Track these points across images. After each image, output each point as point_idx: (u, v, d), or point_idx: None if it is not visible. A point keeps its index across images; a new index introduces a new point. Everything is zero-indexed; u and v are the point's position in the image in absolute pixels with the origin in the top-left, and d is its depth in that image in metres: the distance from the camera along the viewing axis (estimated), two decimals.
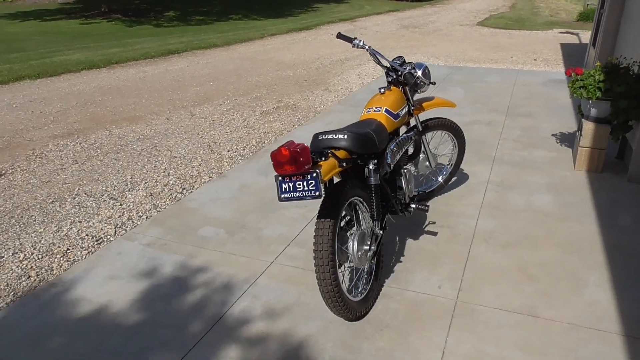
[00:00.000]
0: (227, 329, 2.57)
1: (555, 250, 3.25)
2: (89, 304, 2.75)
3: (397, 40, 12.95)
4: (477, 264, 3.12)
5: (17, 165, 4.62)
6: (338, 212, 2.41)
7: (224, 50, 11.36)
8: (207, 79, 8.30)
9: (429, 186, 3.93)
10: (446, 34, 14.32)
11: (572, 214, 3.70)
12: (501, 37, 13.70)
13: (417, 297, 2.81)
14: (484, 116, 6.13)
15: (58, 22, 15.73)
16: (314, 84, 8.11)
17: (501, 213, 3.73)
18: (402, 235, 3.44)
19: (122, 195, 4.03)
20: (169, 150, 5.02)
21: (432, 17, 19.71)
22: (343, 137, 2.46)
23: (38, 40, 12.10)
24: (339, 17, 18.58)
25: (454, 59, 10.20)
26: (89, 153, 4.94)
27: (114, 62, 9.50)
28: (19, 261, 3.14)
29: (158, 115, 6.23)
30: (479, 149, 5.00)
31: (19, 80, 7.98)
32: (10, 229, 3.53)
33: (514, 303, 2.74)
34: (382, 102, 3.05)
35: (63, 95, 7.13)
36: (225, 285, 2.92)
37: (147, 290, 2.87)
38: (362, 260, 2.57)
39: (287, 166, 2.11)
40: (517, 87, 7.61)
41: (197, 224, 3.60)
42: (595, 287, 2.86)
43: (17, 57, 9.90)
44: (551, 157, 4.80)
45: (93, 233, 3.48)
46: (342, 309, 2.45)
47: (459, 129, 3.78)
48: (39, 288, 2.90)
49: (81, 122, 5.92)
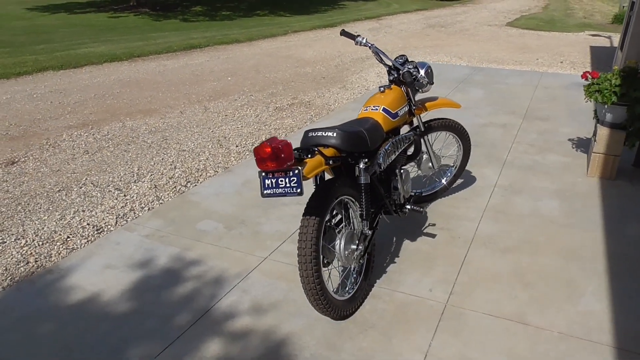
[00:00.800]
0: (213, 322, 2.59)
1: (555, 257, 3.17)
2: (82, 292, 2.80)
3: (421, 40, 12.82)
4: (473, 268, 3.06)
5: (30, 154, 4.73)
6: (324, 210, 2.39)
7: (246, 46, 11.42)
8: (225, 74, 8.36)
9: (432, 188, 3.88)
10: (472, 34, 14.11)
11: (577, 221, 3.61)
12: (529, 38, 13.44)
13: (406, 299, 2.77)
14: (500, 118, 6.02)
15: (87, 15, 16.05)
16: (331, 81, 8.09)
17: (504, 217, 3.66)
18: (399, 236, 3.40)
19: (127, 187, 4.09)
20: (179, 144, 5.07)
21: (460, 16, 19.45)
22: (332, 134, 2.45)
23: (65, 33, 12.37)
24: (365, 15, 18.49)
25: (477, 60, 10.05)
26: (101, 144, 5.02)
27: (136, 55, 9.64)
28: (19, 247, 3.22)
29: (172, 109, 6.30)
30: (490, 152, 4.92)
31: (42, 71, 8.17)
32: (15, 216, 3.61)
33: (505, 309, 2.69)
34: (381, 100, 3.02)
35: (83, 87, 7.28)
36: (217, 279, 2.94)
37: (140, 280, 2.91)
38: (349, 259, 2.55)
39: (269, 162, 2.11)
40: (539, 90, 7.45)
41: (197, 217, 3.63)
42: (591, 297, 2.78)
43: (44, 48, 10.14)
44: (564, 163, 4.69)
45: (94, 222, 3.54)
46: (325, 308, 2.43)
47: (464, 131, 3.71)
48: (36, 274, 2.96)
49: (97, 114, 6.03)
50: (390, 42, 12.40)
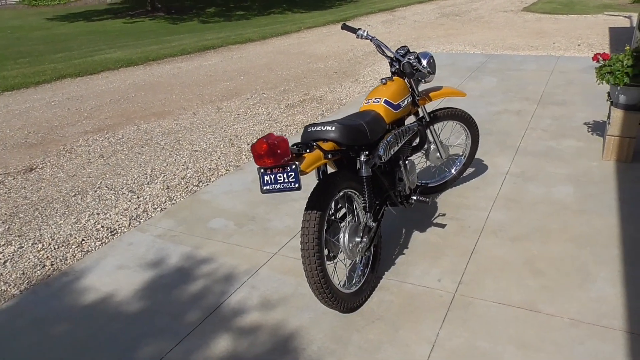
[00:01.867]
0: (222, 318, 2.62)
1: (566, 244, 3.12)
2: (95, 293, 2.86)
3: (435, 29, 12.69)
4: (482, 257, 3.04)
5: (47, 160, 4.85)
6: (326, 204, 2.40)
7: (259, 44, 11.47)
8: (238, 74, 8.41)
9: (442, 178, 3.86)
10: (487, 21, 13.91)
11: (591, 206, 3.55)
12: (546, 23, 13.18)
13: (414, 290, 2.77)
14: (514, 105, 5.93)
15: (104, 22, 16.31)
16: (343, 75, 8.07)
17: (516, 205, 3.62)
18: (408, 227, 3.39)
19: (141, 189, 4.17)
20: (191, 144, 5.13)
21: (475, 4, 19.18)
22: (331, 128, 2.46)
23: (83, 40, 12.60)
24: (379, 8, 18.37)
25: (492, 47, 9.91)
26: (115, 148, 5.12)
27: (151, 59, 9.77)
28: (36, 251, 3.31)
29: (186, 110, 6.38)
30: (503, 139, 4.86)
31: (60, 79, 8.35)
32: (33, 221, 3.71)
33: (515, 297, 2.66)
34: (383, 92, 3.02)
35: (99, 93, 7.41)
36: (226, 275, 2.98)
37: (151, 280, 2.96)
38: (353, 252, 2.56)
39: (266, 158, 2.12)
40: (555, 75, 7.31)
41: (208, 215, 3.68)
42: (603, 283, 2.74)
43: (62, 56, 10.35)
44: (579, 147, 4.60)
45: (108, 224, 3.61)
46: (331, 301, 2.45)
47: (471, 119, 3.68)
48: (51, 277, 3.04)
49: (112, 118, 6.14)
50: (403, 33, 12.31)
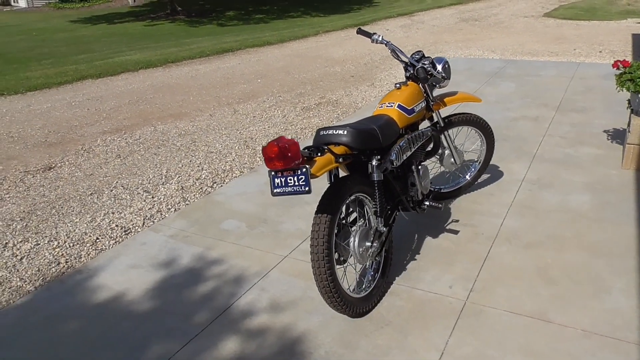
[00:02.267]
0: (231, 320, 2.63)
1: (581, 252, 3.07)
2: (107, 291, 2.90)
3: (453, 34, 12.61)
4: (495, 264, 3.00)
5: (66, 159, 4.92)
6: (337, 207, 2.40)
7: (277, 47, 11.52)
8: (255, 76, 8.46)
9: (456, 183, 3.83)
10: (507, 27, 13.79)
11: (608, 215, 3.49)
12: (567, 29, 13.03)
13: (425, 296, 2.75)
14: (532, 111, 5.87)
15: (125, 25, 16.54)
16: (360, 79, 8.07)
17: (531, 212, 3.57)
18: (421, 233, 3.37)
19: (156, 189, 4.21)
20: (207, 146, 5.17)
21: (495, 9, 19.04)
22: (343, 132, 2.45)
23: (105, 42, 12.79)
24: (397, 12, 18.33)
25: (511, 52, 9.82)
26: (132, 148, 5.18)
27: (170, 61, 9.88)
28: (52, 249, 3.35)
29: (202, 112, 6.43)
30: (520, 146, 4.80)
31: (82, 79, 8.48)
32: (50, 219, 3.77)
33: (526, 306, 2.63)
34: (397, 97, 3.01)
35: (118, 94, 7.51)
36: (237, 277, 2.99)
37: (163, 279, 2.99)
38: (364, 257, 2.55)
39: (276, 161, 2.13)
40: (574, 81, 7.22)
41: (221, 217, 3.70)
42: (619, 294, 2.69)
43: (84, 58, 10.52)
44: (598, 155, 4.53)
45: (123, 224, 3.65)
46: (340, 305, 2.44)
47: (487, 125, 3.65)
48: (66, 274, 3.08)
49: (130, 119, 6.21)
50: (421, 38, 12.26)
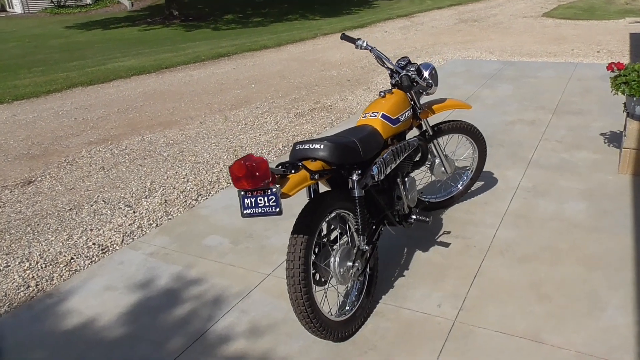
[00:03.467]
0: (207, 346, 2.49)
1: (576, 266, 2.93)
2: (78, 316, 2.76)
3: (452, 35, 12.47)
4: (487, 279, 2.86)
5: (47, 173, 4.79)
6: (314, 226, 2.26)
7: (274, 51, 11.39)
8: (249, 82, 8.33)
9: (448, 193, 3.68)
10: (506, 27, 13.64)
11: (605, 224, 3.34)
12: (565, 29, 12.87)
13: (412, 316, 2.61)
14: (529, 115, 5.72)
15: (121, 30, 16.44)
16: (356, 83, 7.93)
17: (525, 222, 3.43)
18: (410, 246, 3.23)
19: (138, 203, 4.07)
20: (195, 156, 5.04)
21: (495, 9, 18.88)
22: (320, 147, 2.32)
23: (99, 48, 12.68)
24: (397, 14, 18.19)
25: (509, 54, 9.67)
26: (117, 159, 5.05)
27: (164, 67, 9.76)
28: (23, 270, 3.22)
29: (193, 120, 6.30)
30: (515, 151, 4.66)
31: (71, 87, 8.36)
32: (24, 237, 3.64)
33: (519, 326, 2.48)
34: (381, 106, 2.87)
35: (108, 102, 7.39)
36: (216, 298, 2.85)
37: (138, 302, 2.85)
38: (345, 278, 2.40)
39: (244, 181, 1.99)
40: (572, 83, 7.07)
41: (204, 232, 3.56)
42: (615, 311, 2.54)
43: (76, 65, 10.40)
44: (594, 160, 4.39)
45: (100, 242, 3.52)
46: (318, 330, 2.30)
47: (478, 132, 3.51)
48: (35, 299, 2.94)
49: (118, 128, 6.09)
50: (420, 39, 12.12)
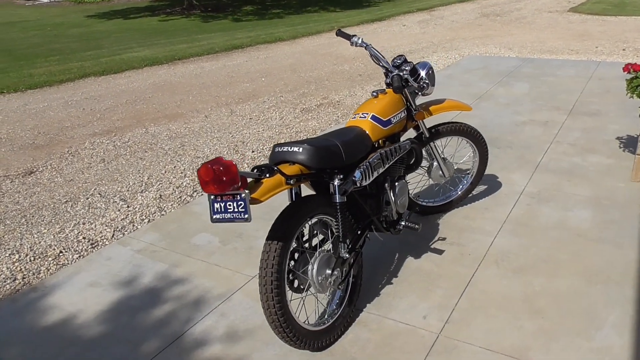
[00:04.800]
0: (182, 350, 2.43)
1: (576, 278, 2.79)
2: (59, 312, 2.72)
3: (472, 30, 12.20)
4: (478, 290, 2.74)
5: (49, 163, 4.79)
6: (290, 232, 2.17)
7: (288, 44, 11.29)
8: (260, 75, 8.25)
9: (447, 197, 3.56)
10: (529, 22, 13.29)
11: (610, 235, 3.18)
12: (591, 25, 12.48)
13: (395, 327, 2.51)
14: (542, 115, 5.53)
15: (140, 20, 16.50)
16: (367, 78, 7.79)
17: (525, 231, 3.29)
18: (402, 252, 3.12)
19: (133, 197, 4.03)
20: (195, 150, 4.98)
21: (519, 3, 18.45)
22: (298, 150, 2.22)
23: (116, 38, 12.73)
24: (417, 7, 17.91)
25: (529, 50, 9.40)
26: (119, 152, 5.02)
27: (177, 58, 9.73)
28: (11, 263, 3.20)
29: (199, 113, 6.25)
30: (523, 154, 4.49)
31: (84, 77, 8.39)
32: (17, 229, 3.63)
33: (506, 342, 2.37)
34: (372, 107, 2.76)
35: (118, 93, 7.39)
36: (197, 300, 2.79)
37: (119, 300, 2.80)
38: (323, 286, 2.31)
39: (212, 185, 1.91)
40: (592, 82, 6.83)
41: (194, 230, 3.50)
42: (611, 330, 2.40)
43: (91, 54, 10.45)
44: (607, 165, 4.20)
45: (91, 236, 3.49)
46: (291, 340, 2.22)
47: (478, 134, 3.37)
48: (20, 292, 2.92)
49: (124, 120, 6.07)
50: (438, 34, 11.89)
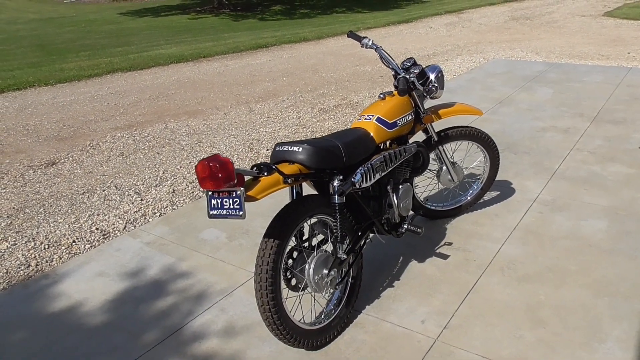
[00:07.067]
0: (180, 342, 2.47)
1: (583, 290, 2.73)
2: (66, 300, 2.80)
3: (500, 34, 12.03)
4: (480, 297, 2.71)
5: (70, 155, 4.91)
6: (287, 231, 2.19)
7: (312, 44, 11.32)
8: (281, 74, 8.30)
9: (456, 202, 3.52)
10: (560, 26, 13.03)
11: (623, 247, 3.10)
12: (626, 29, 12.17)
13: (392, 330, 2.50)
14: (564, 122, 5.42)
15: (171, 18, 16.77)
16: (389, 80, 7.76)
17: (535, 239, 3.23)
18: (406, 255, 3.10)
19: (147, 191, 4.11)
20: (211, 147, 5.04)
21: (552, 7, 18.10)
22: (298, 149, 2.23)
23: (145, 35, 12.97)
24: (445, 9, 17.74)
25: (557, 55, 9.22)
26: (138, 146, 5.12)
27: (203, 55, 9.86)
28: (27, 250, 3.30)
29: (218, 110, 6.32)
30: (541, 160, 4.41)
31: (112, 72, 8.57)
32: (35, 217, 3.73)
33: (504, 351, 2.33)
34: (378, 109, 2.75)
35: (142, 88, 7.52)
36: (200, 294, 2.82)
37: (124, 291, 2.86)
38: (319, 286, 2.32)
39: (208, 182, 1.94)
40: (620, 89, 6.66)
41: (203, 225, 3.55)
42: (614, 344, 2.34)
43: (120, 50, 10.67)
44: (627, 175, 4.10)
45: (104, 227, 3.57)
46: (285, 338, 2.23)
47: (489, 139, 3.32)
48: (32, 278, 3.01)
49: (145, 115, 6.18)
50: (464, 36, 11.76)
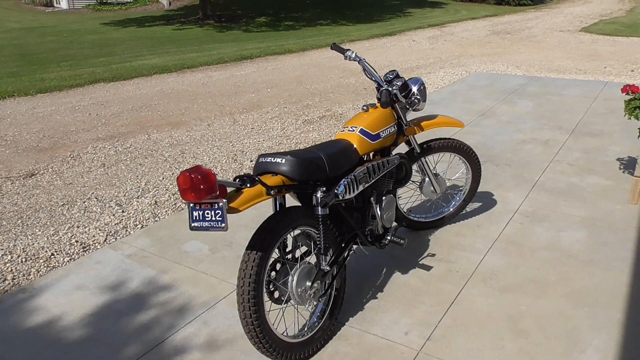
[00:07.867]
0: (161, 356, 2.44)
1: (562, 300, 2.76)
2: (44, 314, 2.74)
3: (481, 47, 12.22)
4: (462, 309, 2.72)
5: (50, 166, 4.85)
6: (270, 243, 2.18)
7: (297, 56, 11.38)
8: (266, 86, 8.32)
9: (439, 213, 3.55)
10: (539, 41, 13.30)
11: (601, 257, 3.15)
12: (602, 45, 12.47)
13: (375, 342, 2.49)
14: (544, 134, 5.51)
15: (154, 28, 16.71)
16: (372, 92, 7.82)
17: (516, 250, 3.27)
18: (390, 267, 3.11)
19: (129, 202, 4.07)
20: (194, 158, 5.02)
21: (531, 22, 18.46)
22: (281, 161, 2.23)
23: (128, 45, 12.90)
24: (428, 23, 17.98)
25: (537, 69, 9.40)
26: (120, 157, 5.07)
27: (187, 66, 9.84)
28: (3, 263, 3.24)
29: (202, 121, 6.30)
30: (521, 172, 4.48)
31: (94, 83, 8.50)
32: (13, 229, 3.67)
33: None
34: (361, 120, 2.77)
35: (125, 99, 7.47)
36: (182, 307, 2.80)
37: (104, 304, 2.82)
38: (302, 298, 2.31)
39: (190, 193, 1.93)
40: (597, 102, 6.80)
41: (185, 237, 3.52)
42: (594, 353, 2.37)
43: (103, 61, 10.60)
44: (605, 186, 4.17)
45: (84, 239, 3.52)
46: (268, 351, 2.21)
47: (471, 151, 3.37)
48: (8, 292, 2.95)
49: (128, 126, 6.14)
50: (447, 50, 11.92)
